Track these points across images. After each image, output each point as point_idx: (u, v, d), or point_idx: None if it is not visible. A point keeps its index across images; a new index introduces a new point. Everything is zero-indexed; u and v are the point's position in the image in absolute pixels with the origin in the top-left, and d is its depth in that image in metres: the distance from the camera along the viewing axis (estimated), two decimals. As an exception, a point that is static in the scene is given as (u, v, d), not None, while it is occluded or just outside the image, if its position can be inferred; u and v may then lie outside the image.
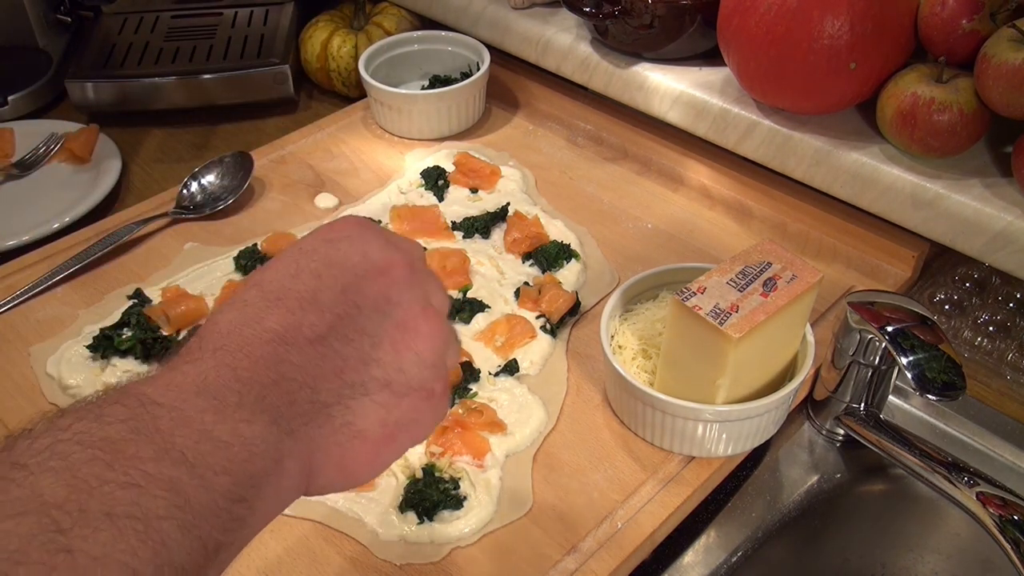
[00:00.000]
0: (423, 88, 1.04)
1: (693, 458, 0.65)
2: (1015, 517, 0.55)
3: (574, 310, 0.77)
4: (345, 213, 0.89)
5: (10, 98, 1.10)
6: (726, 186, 0.91)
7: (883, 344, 0.61)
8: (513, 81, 1.08)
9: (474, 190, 0.92)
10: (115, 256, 0.85)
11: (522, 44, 1.00)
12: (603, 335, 0.66)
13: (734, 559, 0.65)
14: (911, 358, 0.58)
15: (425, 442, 0.65)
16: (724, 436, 0.63)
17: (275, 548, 0.60)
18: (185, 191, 0.92)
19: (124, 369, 0.73)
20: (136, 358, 0.73)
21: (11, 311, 0.79)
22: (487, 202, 0.90)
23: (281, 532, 0.61)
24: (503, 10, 1.01)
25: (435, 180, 0.92)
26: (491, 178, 0.93)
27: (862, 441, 0.68)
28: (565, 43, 0.96)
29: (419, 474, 0.63)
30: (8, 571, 0.26)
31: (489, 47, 1.03)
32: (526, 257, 0.83)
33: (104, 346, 0.73)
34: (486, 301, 0.77)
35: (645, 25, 0.87)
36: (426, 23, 1.13)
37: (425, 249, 0.43)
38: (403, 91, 0.98)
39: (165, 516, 0.30)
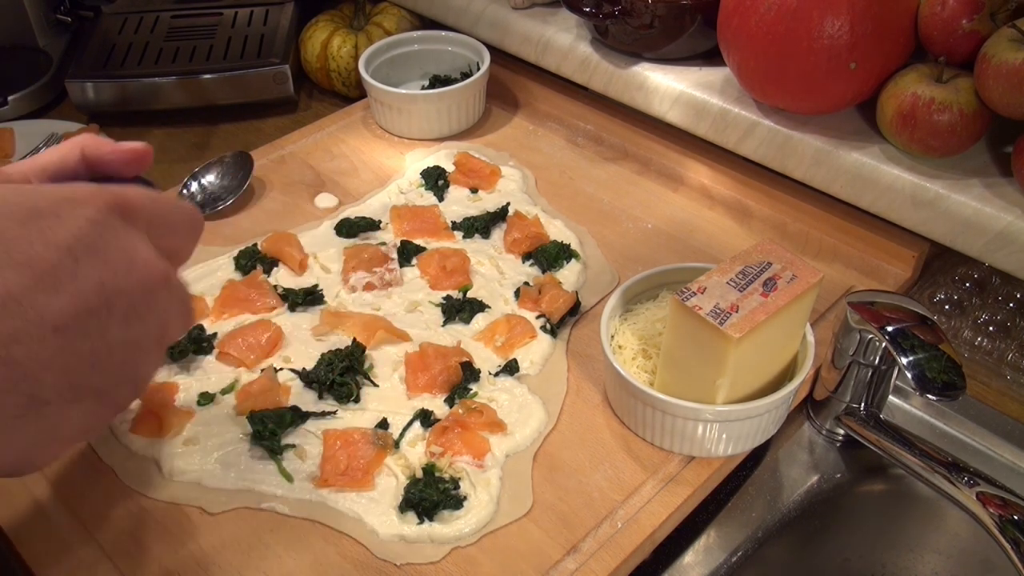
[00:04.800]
0: (423, 88, 1.04)
1: (693, 458, 0.65)
2: (1015, 517, 0.55)
3: (574, 310, 0.77)
4: (345, 213, 0.89)
5: (10, 98, 1.10)
6: (726, 186, 0.91)
7: (883, 344, 0.61)
8: (513, 81, 1.08)
9: (474, 190, 0.92)
10: (115, 256, 0.85)
11: (522, 44, 1.01)
12: (603, 335, 0.66)
13: (734, 559, 0.65)
14: (911, 358, 0.58)
15: (425, 442, 0.65)
16: (724, 436, 0.63)
17: (275, 548, 0.60)
18: (185, 191, 0.92)
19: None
20: (136, 358, 0.73)
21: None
22: (487, 202, 0.90)
23: (281, 532, 0.61)
24: (503, 10, 1.01)
25: (435, 180, 0.92)
26: (491, 178, 0.93)
27: (862, 441, 0.68)
28: (565, 43, 0.96)
29: (419, 474, 0.63)
30: None
31: (489, 47, 1.03)
32: (526, 257, 0.83)
33: (104, 346, 0.73)
34: (486, 301, 0.77)
35: (645, 25, 0.87)
36: (426, 23, 1.13)
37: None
38: (403, 91, 0.98)
39: None
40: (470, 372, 0.70)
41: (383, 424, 0.67)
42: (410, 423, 0.67)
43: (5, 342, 0.32)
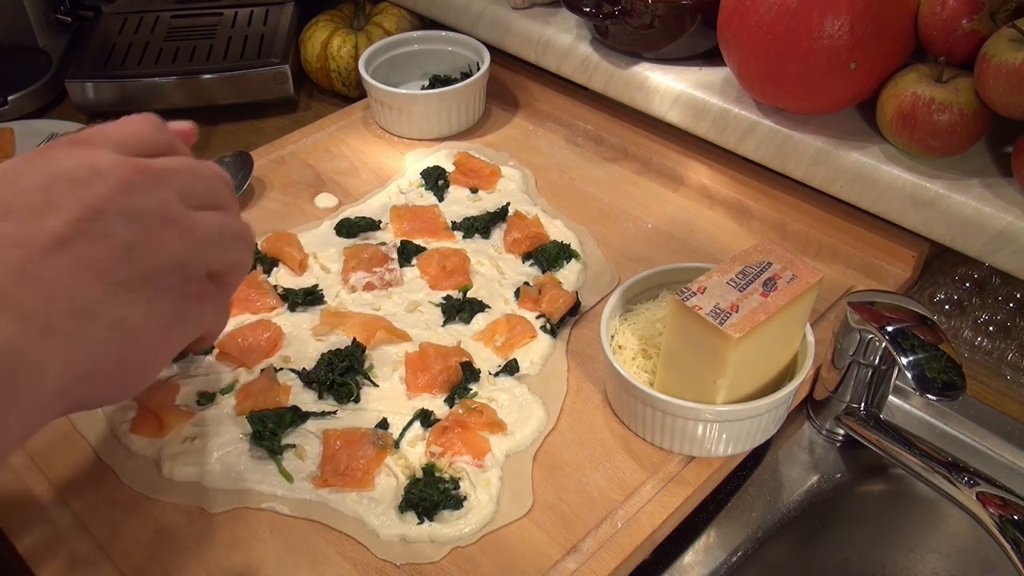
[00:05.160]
0: (423, 88, 1.04)
1: (693, 458, 0.65)
2: (1015, 517, 0.55)
3: (574, 310, 0.77)
4: (345, 213, 0.89)
5: (10, 98, 1.10)
6: (726, 186, 0.91)
7: (883, 344, 0.61)
8: (513, 81, 1.08)
9: (474, 190, 0.92)
10: (115, 256, 0.85)
11: (522, 44, 1.01)
12: (603, 335, 0.66)
13: (734, 559, 0.65)
14: (911, 358, 0.58)
15: (425, 442, 0.65)
16: (724, 436, 0.63)
17: (275, 548, 0.60)
18: (185, 191, 0.91)
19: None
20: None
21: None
22: (487, 202, 0.90)
23: (281, 532, 0.61)
24: (503, 10, 1.02)
25: (435, 180, 0.92)
26: (491, 178, 0.93)
27: (862, 441, 0.68)
28: (565, 43, 0.96)
29: (419, 474, 0.63)
30: None
31: (489, 47, 1.03)
32: (526, 257, 0.83)
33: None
34: (486, 301, 0.77)
35: (645, 25, 0.87)
36: (426, 23, 1.13)
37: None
38: (403, 91, 0.98)
39: None
40: (470, 372, 0.70)
41: (383, 424, 0.67)
42: (410, 423, 0.67)
43: (21, 265, 0.36)
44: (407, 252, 0.83)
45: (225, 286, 0.46)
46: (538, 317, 0.76)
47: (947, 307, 0.80)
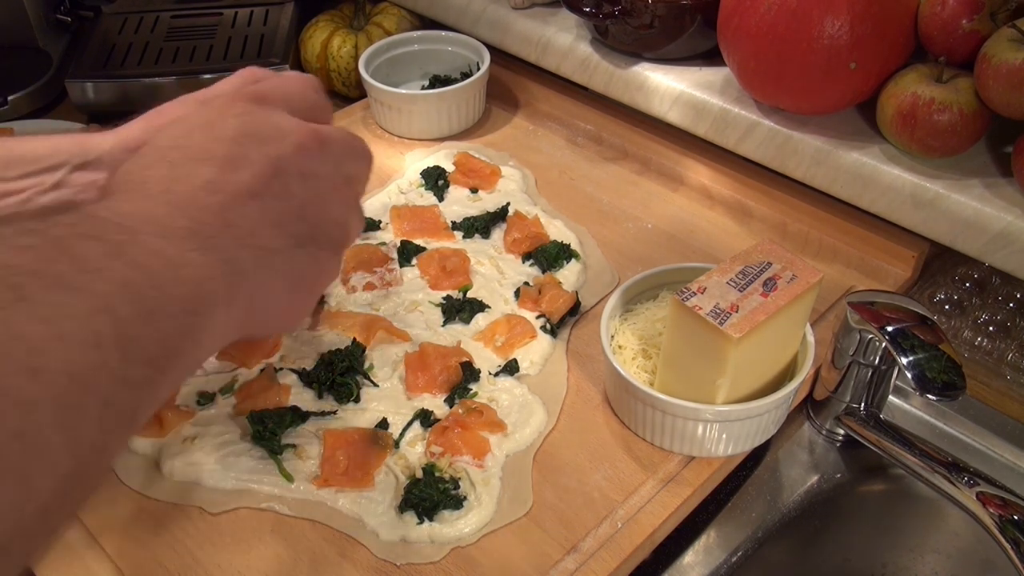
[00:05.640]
0: (423, 88, 1.04)
1: (693, 458, 0.65)
2: (1015, 517, 0.55)
3: (574, 310, 0.77)
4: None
5: (10, 98, 1.10)
6: (726, 186, 0.91)
7: (883, 344, 0.61)
8: (513, 81, 1.08)
9: (474, 190, 0.92)
10: (115, 256, 0.85)
11: (522, 44, 1.01)
12: (603, 335, 0.66)
13: (734, 559, 0.65)
14: (911, 358, 0.58)
15: (425, 442, 0.65)
16: (724, 436, 0.63)
17: (275, 548, 0.60)
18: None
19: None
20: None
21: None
22: (487, 202, 0.90)
23: (281, 532, 0.61)
24: (503, 10, 1.01)
25: (435, 180, 0.92)
26: (491, 178, 0.93)
27: (862, 441, 0.68)
28: (565, 43, 0.96)
29: (419, 474, 0.63)
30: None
31: (489, 47, 1.03)
32: (526, 257, 0.83)
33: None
34: (486, 301, 0.77)
35: (645, 25, 0.87)
36: (426, 23, 1.13)
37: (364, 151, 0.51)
38: (403, 91, 0.98)
39: (119, 303, 0.32)
40: (470, 372, 0.70)
41: (383, 424, 0.67)
42: (410, 423, 0.67)
43: (220, 211, 0.39)
44: (407, 252, 0.83)
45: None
46: (538, 317, 0.76)
47: (947, 307, 0.80)
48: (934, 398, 0.58)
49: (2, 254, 0.30)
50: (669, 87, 0.88)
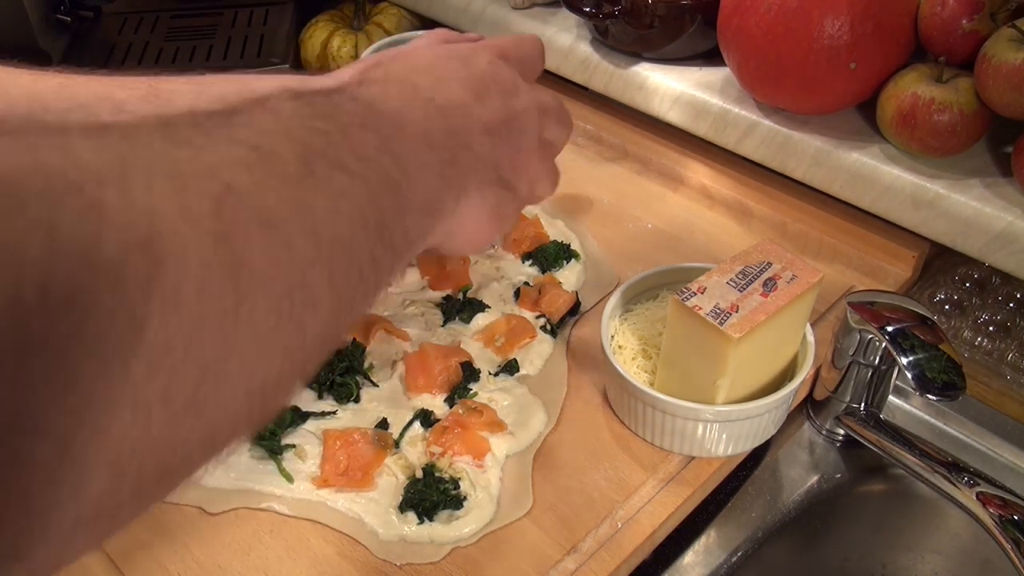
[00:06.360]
0: (423, 88, 1.04)
1: (693, 458, 0.65)
2: (1015, 517, 0.55)
3: (574, 310, 0.77)
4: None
5: (10, 98, 1.10)
6: (726, 186, 0.91)
7: (883, 344, 0.61)
8: (513, 81, 1.08)
9: (474, 190, 0.92)
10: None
11: (522, 44, 1.00)
12: (603, 335, 0.66)
13: (734, 559, 0.65)
14: (911, 358, 0.58)
15: (425, 442, 0.65)
16: (724, 436, 0.63)
17: (275, 548, 0.60)
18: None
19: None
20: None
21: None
22: (487, 202, 0.90)
23: (281, 532, 0.61)
24: (503, 10, 1.01)
25: (435, 180, 0.92)
26: (491, 178, 0.93)
27: (862, 441, 0.68)
28: (565, 43, 0.96)
29: (419, 474, 0.63)
30: (274, 164, 0.31)
31: (489, 47, 1.02)
32: (526, 257, 0.83)
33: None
34: (486, 301, 0.77)
35: (645, 25, 0.87)
36: (426, 23, 1.13)
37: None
38: (403, 91, 0.98)
39: (382, 192, 0.36)
40: (470, 372, 0.70)
41: (383, 424, 0.67)
42: (410, 423, 0.67)
43: (466, 132, 0.45)
44: (407, 252, 0.83)
45: None
46: (538, 317, 0.76)
47: (947, 307, 0.80)
48: (934, 398, 0.58)
49: (301, 133, 0.34)
50: (669, 87, 0.88)
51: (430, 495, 0.61)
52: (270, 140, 0.32)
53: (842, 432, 0.71)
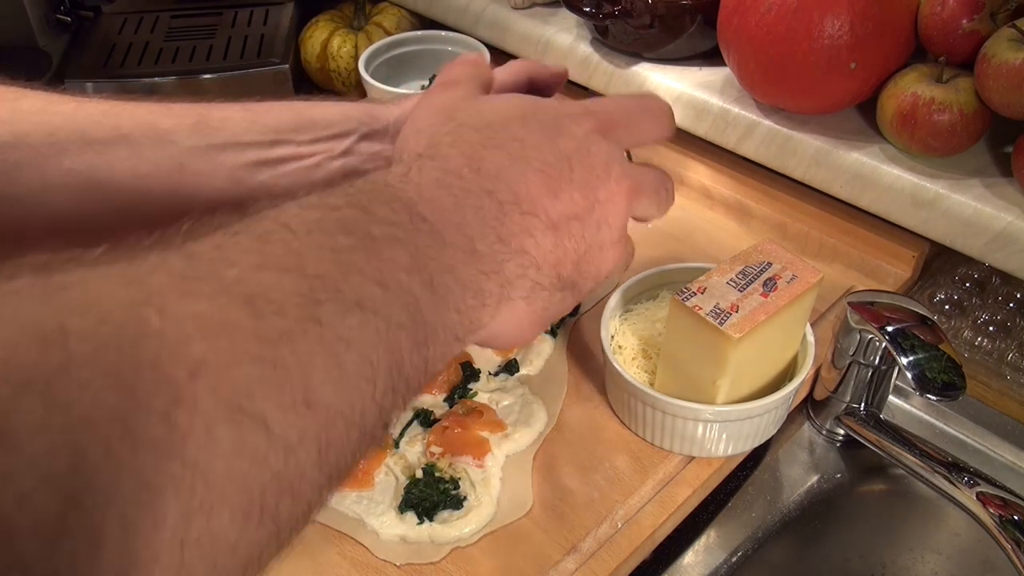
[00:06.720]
0: (423, 88, 1.04)
1: (693, 458, 0.65)
2: (1015, 517, 0.55)
3: (574, 310, 0.77)
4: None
5: (10, 98, 1.10)
6: (726, 186, 0.91)
7: (883, 344, 0.61)
8: (513, 81, 1.08)
9: (474, 190, 0.92)
10: (115, 256, 0.85)
11: (522, 44, 1.00)
12: (603, 335, 0.66)
13: (734, 559, 0.65)
14: (911, 358, 0.58)
15: (425, 442, 0.65)
16: (724, 436, 0.63)
17: (275, 548, 0.60)
18: (185, 191, 0.91)
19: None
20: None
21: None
22: (487, 202, 0.90)
23: (281, 532, 0.61)
24: (503, 10, 1.01)
25: (435, 180, 0.92)
26: (491, 178, 0.92)
27: (862, 441, 0.68)
28: (565, 43, 0.96)
29: (419, 474, 0.63)
30: (268, 317, 0.27)
31: (489, 47, 1.02)
32: (526, 257, 0.83)
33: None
34: (486, 301, 0.77)
35: (645, 25, 0.87)
36: (426, 23, 1.13)
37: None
38: (403, 91, 0.98)
39: (404, 326, 0.32)
40: (470, 372, 0.70)
41: (383, 424, 0.67)
42: (410, 423, 0.67)
43: (518, 235, 0.38)
44: (407, 252, 0.83)
45: None
46: (538, 317, 0.76)
47: (947, 307, 0.80)
48: (934, 398, 0.58)
49: (318, 259, 0.30)
50: (669, 87, 0.88)
51: (430, 495, 0.61)
52: (273, 280, 0.28)
53: (842, 432, 0.71)
